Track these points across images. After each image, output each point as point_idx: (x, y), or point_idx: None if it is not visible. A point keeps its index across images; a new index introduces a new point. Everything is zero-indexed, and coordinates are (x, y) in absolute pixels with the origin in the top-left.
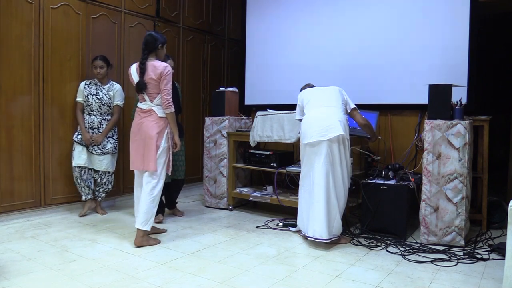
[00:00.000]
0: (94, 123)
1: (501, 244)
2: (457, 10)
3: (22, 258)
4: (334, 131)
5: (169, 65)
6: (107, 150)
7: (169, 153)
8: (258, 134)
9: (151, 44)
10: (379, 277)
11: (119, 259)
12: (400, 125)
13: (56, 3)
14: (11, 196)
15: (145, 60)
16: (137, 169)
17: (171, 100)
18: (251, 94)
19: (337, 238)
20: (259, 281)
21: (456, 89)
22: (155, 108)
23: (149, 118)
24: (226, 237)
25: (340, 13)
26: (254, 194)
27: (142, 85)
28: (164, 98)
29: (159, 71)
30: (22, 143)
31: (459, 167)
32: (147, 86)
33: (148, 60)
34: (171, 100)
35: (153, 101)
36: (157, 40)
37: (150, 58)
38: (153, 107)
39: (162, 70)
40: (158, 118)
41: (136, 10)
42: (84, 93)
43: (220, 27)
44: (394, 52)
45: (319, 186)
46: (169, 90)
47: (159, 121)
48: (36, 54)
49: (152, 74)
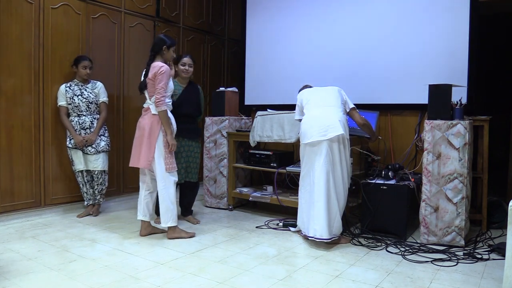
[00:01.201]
0: (86, 123)
1: (501, 244)
2: (457, 10)
3: (22, 258)
4: (334, 131)
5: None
6: (102, 148)
7: (168, 150)
8: (258, 134)
9: (156, 46)
10: (379, 277)
11: (119, 259)
12: (400, 125)
13: (56, 3)
14: (11, 196)
15: (151, 61)
16: (132, 165)
17: (162, 99)
18: (251, 94)
19: (337, 238)
20: (259, 281)
21: (456, 89)
22: (152, 106)
23: (146, 116)
24: (226, 237)
25: (340, 13)
26: (254, 194)
27: (142, 85)
28: (155, 96)
29: (154, 71)
30: (22, 143)
31: (459, 167)
32: (147, 85)
33: (154, 61)
34: (162, 99)
35: (151, 99)
36: (164, 43)
37: (156, 59)
38: (150, 105)
39: (156, 70)
40: (151, 115)
41: (136, 10)
42: (67, 96)
43: (220, 27)
44: (394, 52)
45: (319, 185)
46: (161, 89)
47: (152, 118)
48: (36, 54)
49: (150, 74)
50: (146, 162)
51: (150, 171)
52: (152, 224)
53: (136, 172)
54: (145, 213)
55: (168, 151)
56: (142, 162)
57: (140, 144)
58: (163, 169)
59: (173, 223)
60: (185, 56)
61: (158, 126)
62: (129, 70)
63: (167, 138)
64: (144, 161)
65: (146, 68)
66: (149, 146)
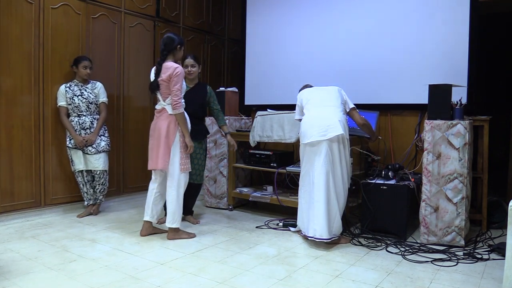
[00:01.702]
0: (86, 123)
1: (501, 244)
2: (457, 10)
3: (22, 258)
4: (334, 131)
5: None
6: (102, 148)
7: (184, 151)
8: (258, 134)
9: (169, 45)
10: (379, 277)
11: (119, 259)
12: (400, 125)
13: (56, 3)
14: (11, 196)
15: (163, 61)
16: (151, 168)
17: (179, 101)
18: (251, 94)
19: (337, 238)
20: (259, 281)
21: (456, 89)
22: (167, 107)
23: (161, 116)
24: (226, 237)
25: (340, 13)
26: (254, 194)
27: (154, 85)
28: (172, 99)
29: (168, 73)
30: (22, 143)
31: (459, 167)
32: (160, 86)
33: (166, 61)
34: (179, 101)
35: (166, 101)
36: (175, 41)
37: (168, 59)
38: (166, 106)
39: (171, 72)
40: (168, 115)
41: (136, 10)
42: (67, 96)
43: (220, 27)
44: (394, 52)
45: (319, 185)
46: (177, 91)
47: (170, 117)
48: (36, 54)
49: (163, 75)
50: (164, 163)
51: (162, 172)
52: (153, 225)
53: (136, 172)
54: (152, 214)
55: (184, 152)
56: (160, 163)
57: (158, 145)
58: (177, 169)
59: (177, 225)
60: (187, 57)
61: (175, 127)
62: (129, 70)
63: (185, 140)
64: (162, 162)
65: (157, 68)
66: (166, 147)
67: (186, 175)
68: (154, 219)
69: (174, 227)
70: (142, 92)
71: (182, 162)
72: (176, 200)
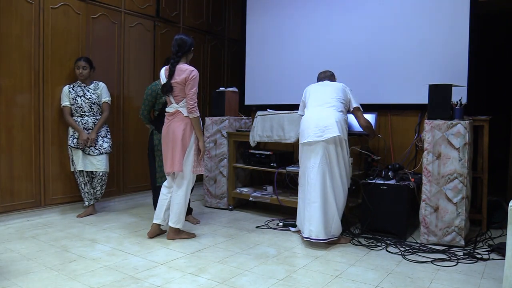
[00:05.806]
0: (89, 123)
1: (501, 244)
2: (457, 9)
3: (22, 258)
4: (330, 133)
5: None
6: (105, 149)
7: (197, 154)
8: (258, 134)
9: (183, 47)
10: (379, 277)
11: (119, 259)
12: (400, 125)
13: (56, 3)
14: (11, 196)
15: (176, 63)
16: (168, 171)
17: (195, 105)
18: (251, 94)
19: (336, 238)
20: (259, 281)
21: (456, 89)
22: (182, 109)
23: (175, 119)
24: (226, 237)
25: (340, 13)
26: (254, 194)
27: (168, 87)
28: (188, 102)
29: (184, 76)
30: (22, 143)
31: (459, 167)
32: (173, 89)
33: (179, 63)
34: (195, 105)
35: (179, 103)
36: (188, 43)
37: (181, 61)
38: (180, 108)
39: (187, 75)
40: (184, 117)
41: (136, 10)
42: (70, 96)
43: (220, 27)
44: (394, 52)
45: (315, 186)
46: (193, 95)
47: (185, 120)
48: (36, 54)
49: (177, 78)
50: (180, 165)
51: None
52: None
53: (136, 172)
54: (164, 219)
55: (197, 155)
56: (176, 166)
57: (173, 148)
58: (189, 171)
59: (181, 226)
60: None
61: (191, 130)
62: (129, 70)
63: (199, 145)
64: (178, 164)
65: (171, 69)
66: (183, 150)
67: (195, 177)
68: (165, 222)
69: (178, 227)
70: (142, 92)
71: (195, 164)
72: (184, 201)
